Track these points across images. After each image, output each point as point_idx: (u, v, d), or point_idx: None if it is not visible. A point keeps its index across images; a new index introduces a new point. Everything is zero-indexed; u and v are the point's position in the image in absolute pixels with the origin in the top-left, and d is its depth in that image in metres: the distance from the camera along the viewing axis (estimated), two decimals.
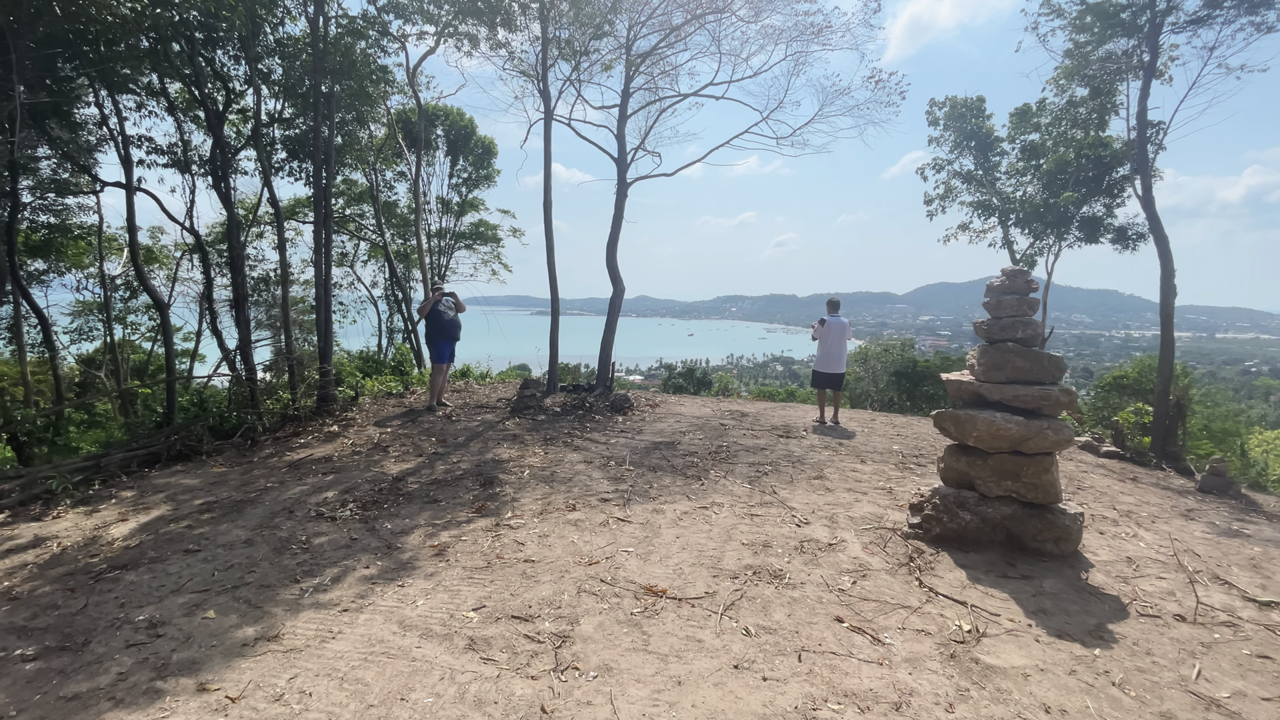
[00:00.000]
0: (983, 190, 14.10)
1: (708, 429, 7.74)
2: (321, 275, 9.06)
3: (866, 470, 5.95)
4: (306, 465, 6.66)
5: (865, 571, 3.61)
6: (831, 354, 8.28)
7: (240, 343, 8.35)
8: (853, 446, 7.03)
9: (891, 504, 4.88)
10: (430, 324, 8.91)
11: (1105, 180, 12.33)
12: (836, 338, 8.28)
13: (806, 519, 4.43)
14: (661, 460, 6.15)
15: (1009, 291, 3.99)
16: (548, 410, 8.66)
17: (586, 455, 6.42)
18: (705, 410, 9.28)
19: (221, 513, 5.34)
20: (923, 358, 36.06)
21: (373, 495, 5.47)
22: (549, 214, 9.73)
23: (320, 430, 8.15)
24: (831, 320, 8.32)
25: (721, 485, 5.34)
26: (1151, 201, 8.09)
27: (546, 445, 6.90)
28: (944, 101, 14.61)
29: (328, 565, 4.02)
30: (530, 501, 5.01)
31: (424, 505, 5.13)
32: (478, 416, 8.50)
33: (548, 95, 9.74)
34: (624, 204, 10.77)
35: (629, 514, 4.58)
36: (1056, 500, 3.86)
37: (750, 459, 6.25)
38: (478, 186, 20.88)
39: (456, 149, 19.79)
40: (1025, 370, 3.86)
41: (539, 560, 3.81)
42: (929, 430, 8.45)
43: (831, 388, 8.46)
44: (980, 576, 3.58)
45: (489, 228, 21.85)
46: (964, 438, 3.99)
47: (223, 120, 10.86)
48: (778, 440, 7.18)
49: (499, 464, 6.21)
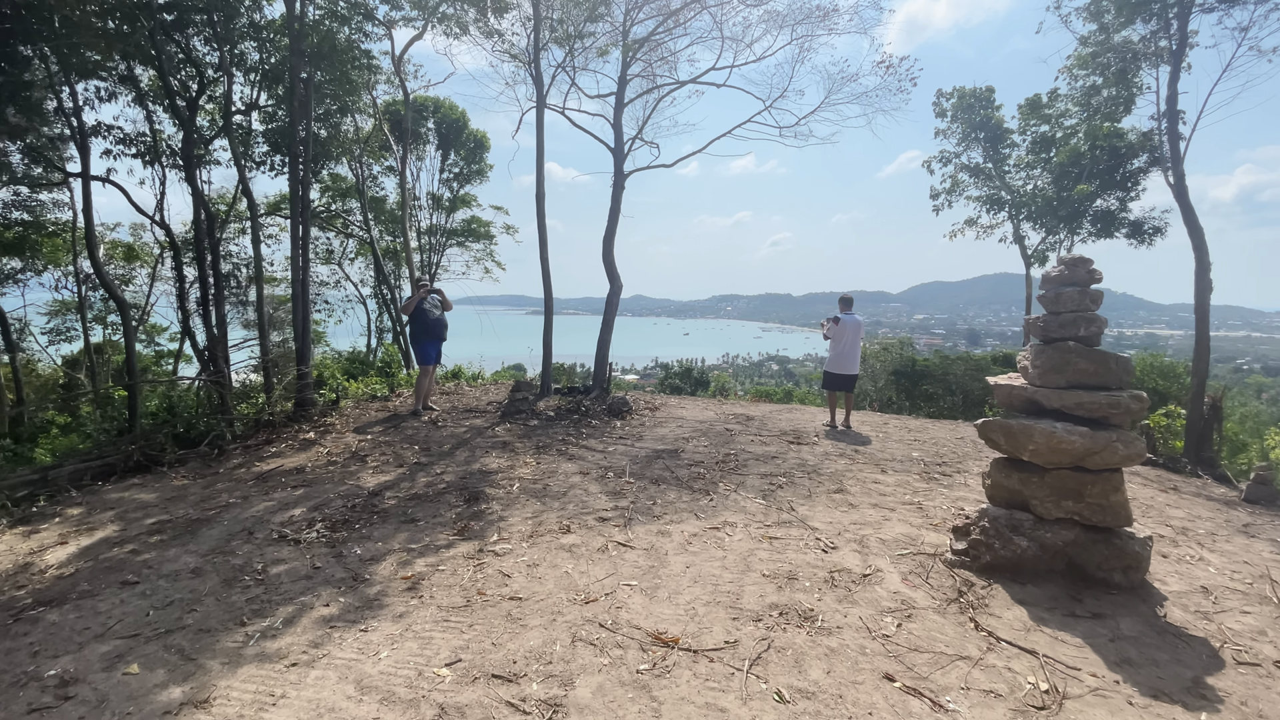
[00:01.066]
0: (992, 184, 13.63)
1: (712, 435, 7.21)
2: (299, 272, 8.48)
3: (889, 482, 5.43)
4: (276, 477, 6.09)
5: (910, 610, 3.08)
6: (846, 354, 7.77)
7: (209, 343, 7.76)
8: (870, 454, 6.50)
9: (924, 522, 4.36)
10: (415, 323, 8.35)
11: (1120, 172, 11.87)
12: (851, 337, 7.77)
13: (833, 542, 3.90)
14: (664, 471, 5.61)
15: (1069, 283, 3.47)
16: (541, 415, 8.11)
17: (582, 465, 5.87)
18: (708, 414, 8.75)
19: (173, 534, 4.77)
20: (920, 357, 35.69)
21: (344, 513, 4.91)
22: (541, 207, 9.18)
23: (296, 437, 7.57)
24: (846, 319, 7.80)
25: (732, 500, 4.80)
26: (1184, 191, 7.61)
27: (539, 454, 6.35)
28: (951, 92, 14.12)
29: (282, 602, 3.46)
30: (519, 521, 4.46)
31: (400, 525, 4.57)
32: (466, 422, 7.94)
33: (539, 80, 9.18)
34: (621, 196, 10.22)
35: (631, 537, 4.03)
36: (1127, 523, 3.34)
37: (761, 469, 5.71)
38: (470, 182, 20.28)
39: (448, 143, 19.18)
40: (1089, 373, 3.34)
41: (527, 597, 3.26)
42: (946, 435, 7.95)
43: (844, 390, 7.94)
44: (1044, 615, 3.06)
45: (481, 224, 21.25)
46: (1017, 451, 3.46)
47: (195, 109, 10.26)
48: (789, 447, 6.66)
49: (486, 476, 5.66)
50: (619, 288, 9.95)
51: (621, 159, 10.20)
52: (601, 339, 9.70)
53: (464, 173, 20.02)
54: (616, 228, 10.14)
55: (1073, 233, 12.32)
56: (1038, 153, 13.05)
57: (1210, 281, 7.09)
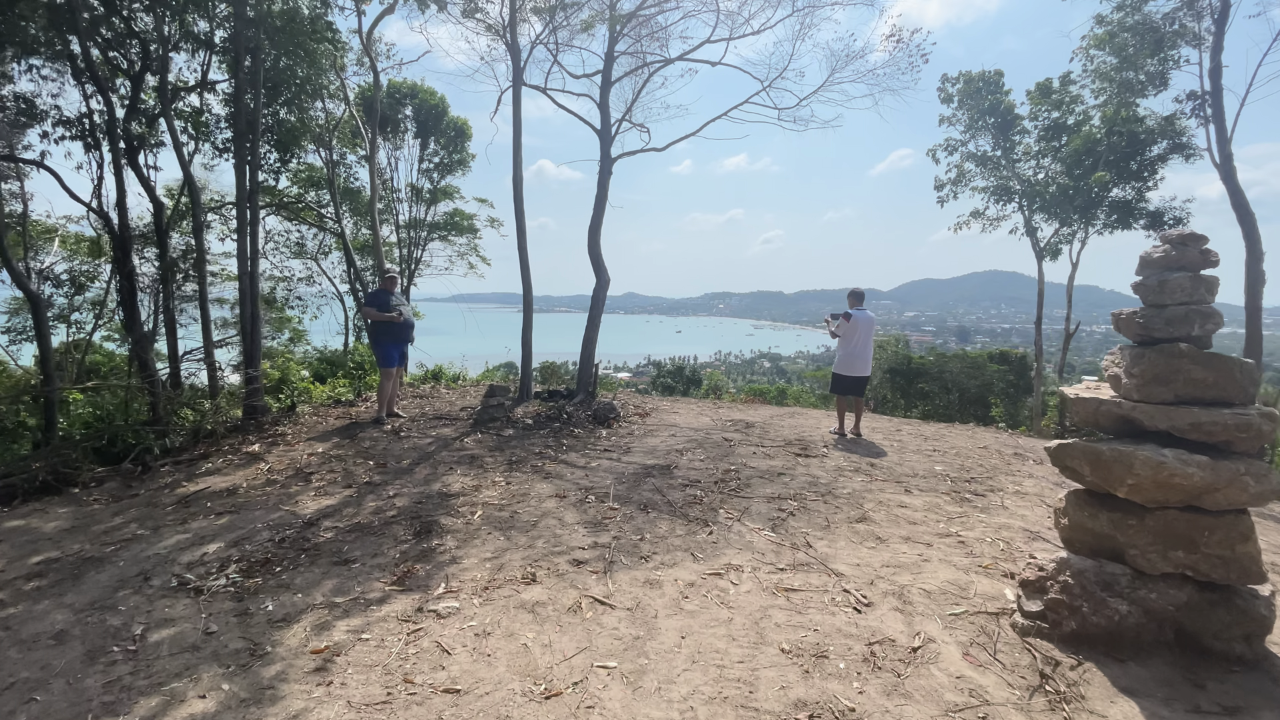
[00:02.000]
0: (1000, 173, 12.91)
1: (709, 445, 6.40)
2: (247, 264, 7.59)
3: (917, 505, 4.65)
4: (201, 501, 5.22)
5: (984, 707, 2.28)
6: (858, 354, 6.99)
7: (135, 343, 6.86)
8: (888, 469, 5.72)
9: (971, 563, 3.57)
10: (378, 323, 7.49)
11: (1138, 160, 11.18)
12: (865, 335, 6.99)
13: (865, 595, 3.11)
14: (655, 494, 4.79)
15: (1176, 267, 2.68)
16: (518, 423, 7.27)
17: (559, 486, 5.05)
18: (703, 420, 7.95)
19: (55, 579, 3.90)
20: (916, 355, 35.12)
21: (268, 550, 4.06)
22: (519, 192, 8.32)
23: (239, 450, 6.69)
24: (859, 315, 7.02)
25: (736, 533, 4.00)
26: (1232, 172, 6.87)
27: (510, 471, 5.52)
28: (957, 77, 13.38)
29: (147, 690, 2.61)
30: (476, 564, 3.63)
31: (330, 569, 3.73)
32: (433, 431, 7.08)
33: (516, 51, 8.32)
34: (608, 182, 9.38)
35: (612, 589, 3.22)
36: (1257, 580, 2.57)
37: (767, 489, 4.91)
38: (451, 173, 19.34)
39: (427, 131, 18.24)
40: (1206, 384, 2.56)
41: (468, 689, 2.43)
42: (966, 443, 7.20)
43: (856, 394, 7.17)
44: (1163, 714, 2.28)
45: (464, 217, 20.32)
46: (1109, 484, 2.68)
47: (140, 85, 9.29)
48: (796, 461, 5.86)
49: (446, 500, 4.82)
50: (606, 282, 9.11)
51: (609, 142, 9.36)
52: (587, 338, 8.87)
53: (444, 163, 19.09)
54: (603, 217, 9.31)
55: (1088, 224, 11.62)
56: (1049, 140, 12.33)
57: (1263, 273, 6.36)
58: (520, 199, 8.30)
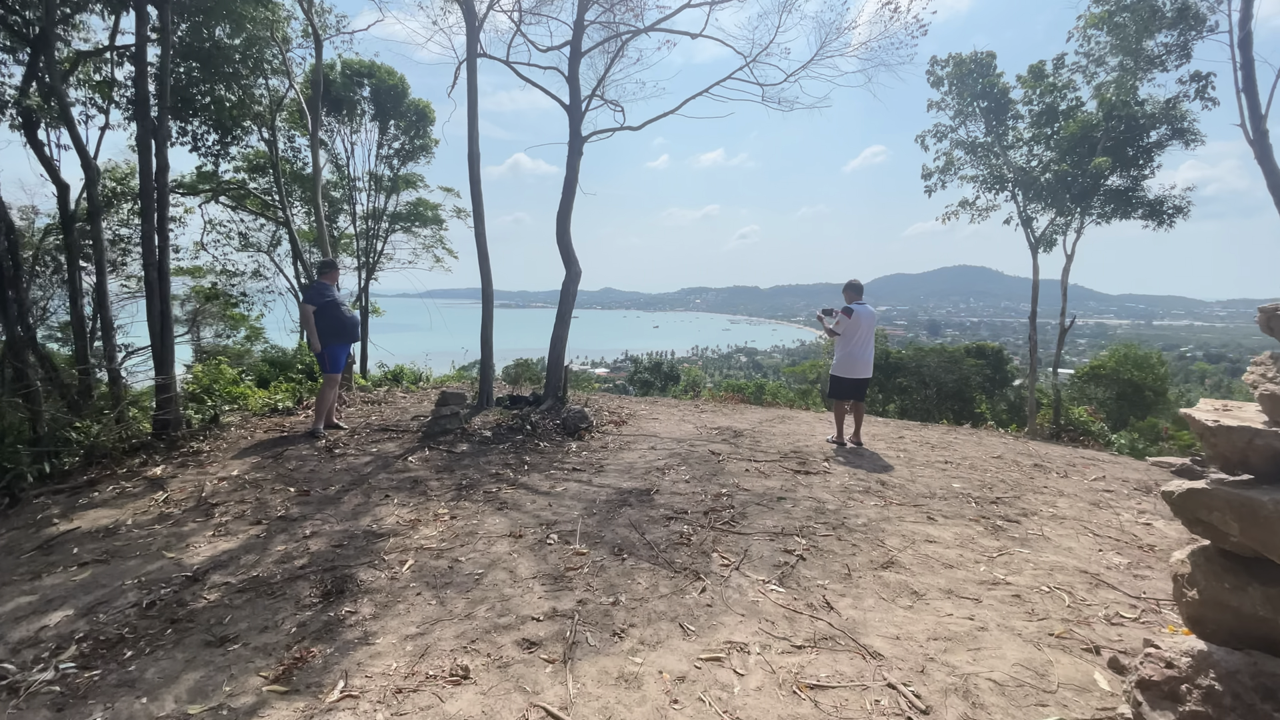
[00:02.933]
0: (993, 160, 12.33)
1: (694, 461, 5.57)
2: (153, 255, 6.49)
3: (946, 538, 3.88)
4: (68, 545, 4.19)
5: None
6: (859, 354, 6.22)
7: (8, 345, 5.73)
8: (901, 487, 4.96)
9: (1038, 629, 2.79)
10: (324, 320, 6.48)
11: (1136, 146, 10.67)
12: (867, 332, 6.24)
13: (918, 693, 2.29)
14: (632, 530, 3.93)
15: None
16: (474, 436, 6.33)
17: (515, 521, 4.15)
18: (686, 427, 7.12)
19: None
20: (894, 349, 34.94)
21: (128, 621, 3.10)
22: (475, 172, 7.35)
23: (140, 473, 5.63)
24: (861, 310, 6.26)
25: (735, 588, 3.16)
26: (1268, 151, 6.26)
27: (458, 499, 4.60)
28: (947, 59, 12.74)
29: None
30: (393, 645, 2.73)
31: (199, 652, 2.79)
32: (374, 447, 6.11)
33: (471, 12, 7.32)
34: (579, 164, 8.46)
35: (573, 691, 2.35)
36: None
37: (767, 520, 4.09)
38: (413, 159, 18.14)
39: (386, 113, 17.00)
40: None
41: None
42: (974, 451, 6.50)
43: (856, 398, 6.41)
44: None
45: (429, 207, 19.15)
46: (1265, 546, 1.90)
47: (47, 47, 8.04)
48: (796, 480, 5.06)
49: (372, 542, 3.89)
50: (577, 275, 8.21)
51: (579, 119, 8.43)
52: (556, 336, 7.95)
53: (406, 149, 17.88)
54: (573, 202, 8.39)
55: (1084, 213, 11.10)
56: (1041, 126, 11.76)
57: None
58: (477, 179, 7.34)
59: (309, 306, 6.48)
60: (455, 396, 6.60)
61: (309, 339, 6.54)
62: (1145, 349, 28.43)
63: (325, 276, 6.76)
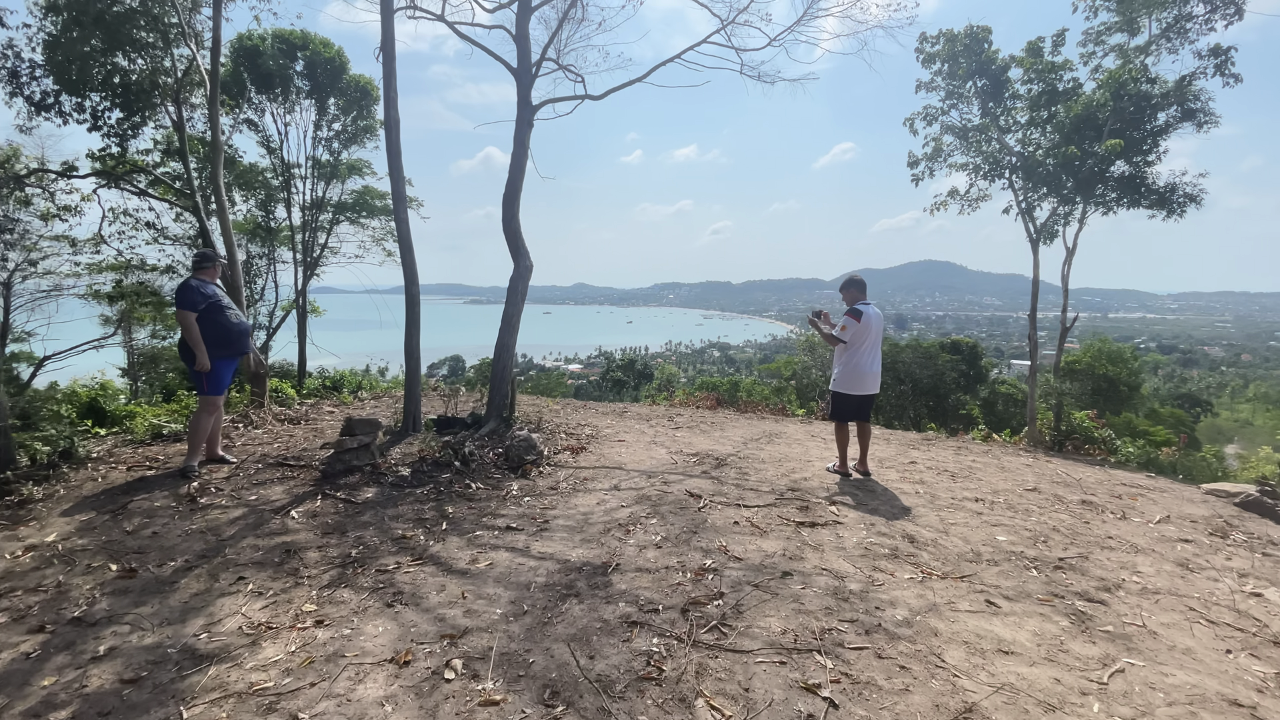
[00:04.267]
0: (985, 146, 11.38)
1: (667, 510, 4.33)
2: None
3: (1024, 642, 2.73)
4: None
5: None
6: (866, 367, 5.08)
7: None
8: (935, 545, 3.81)
9: None
10: (207, 328, 5.04)
11: (1144, 129, 9.80)
12: (876, 337, 5.10)
13: None
14: (576, 652, 2.67)
15: None
16: (388, 473, 4.98)
17: (408, 628, 2.85)
18: (658, 453, 5.89)
19: None
20: None
21: None
22: (393, 139, 5.96)
23: None
24: (869, 311, 5.11)
25: None
26: None
27: (336, 586, 3.27)
28: (937, 36, 11.74)
29: None
30: None
31: None
32: (256, 491, 4.71)
33: None
34: (529, 137, 7.14)
35: None
36: None
37: (772, 620, 2.88)
38: (356, 143, 16.45)
39: (323, 90, 15.30)
40: None
41: None
42: (998, 478, 5.43)
43: (862, 418, 5.26)
44: None
45: (376, 196, 17.48)
46: None
47: None
48: (800, 538, 3.87)
49: (183, 674, 2.54)
50: (527, 268, 6.89)
51: (528, 84, 7.10)
52: (501, 343, 6.62)
53: (348, 131, 16.19)
54: (523, 182, 7.07)
55: (1090, 201, 10.22)
56: (1038, 109, 10.83)
57: None
58: (395, 150, 5.95)
59: (187, 313, 5.03)
60: (366, 424, 5.24)
61: (196, 355, 5.07)
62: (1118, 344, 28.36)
63: (203, 273, 5.31)
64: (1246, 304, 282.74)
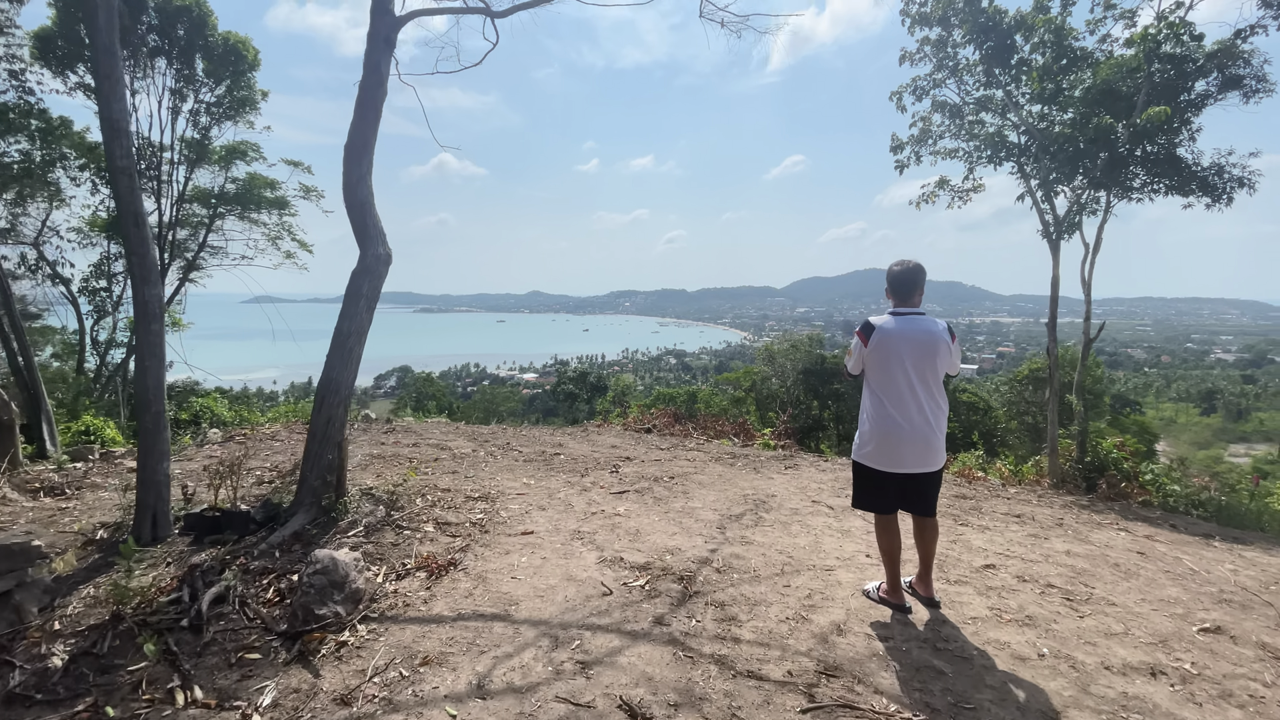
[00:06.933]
0: (993, 118, 9.56)
1: None
2: None
3: None
4: None
5: None
6: (895, 419, 2.86)
7: None
8: None
9: None
10: None
11: (1175, 102, 8.12)
12: (916, 367, 2.88)
13: None
14: None
15: None
16: (29, 662, 2.42)
17: None
18: (583, 567, 3.50)
19: None
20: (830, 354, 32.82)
21: None
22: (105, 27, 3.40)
23: None
24: (893, 326, 2.93)
25: None
26: None
27: None
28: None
29: None
30: None
31: None
32: None
33: None
34: (388, 62, 4.69)
35: None
36: None
37: None
38: (232, 119, 13.50)
39: (184, 52, 12.32)
40: None
41: None
42: (1145, 602, 3.30)
43: (914, 509, 3.04)
44: None
45: (265, 184, 14.52)
46: None
47: None
48: None
49: None
50: (377, 259, 4.39)
51: None
52: (327, 382, 4.06)
53: (223, 103, 13.23)
54: (376, 130, 4.60)
55: (1118, 186, 8.49)
56: (1048, 80, 9.06)
57: None
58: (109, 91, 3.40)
59: None
60: (16, 551, 2.67)
61: None
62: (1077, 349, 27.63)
63: None
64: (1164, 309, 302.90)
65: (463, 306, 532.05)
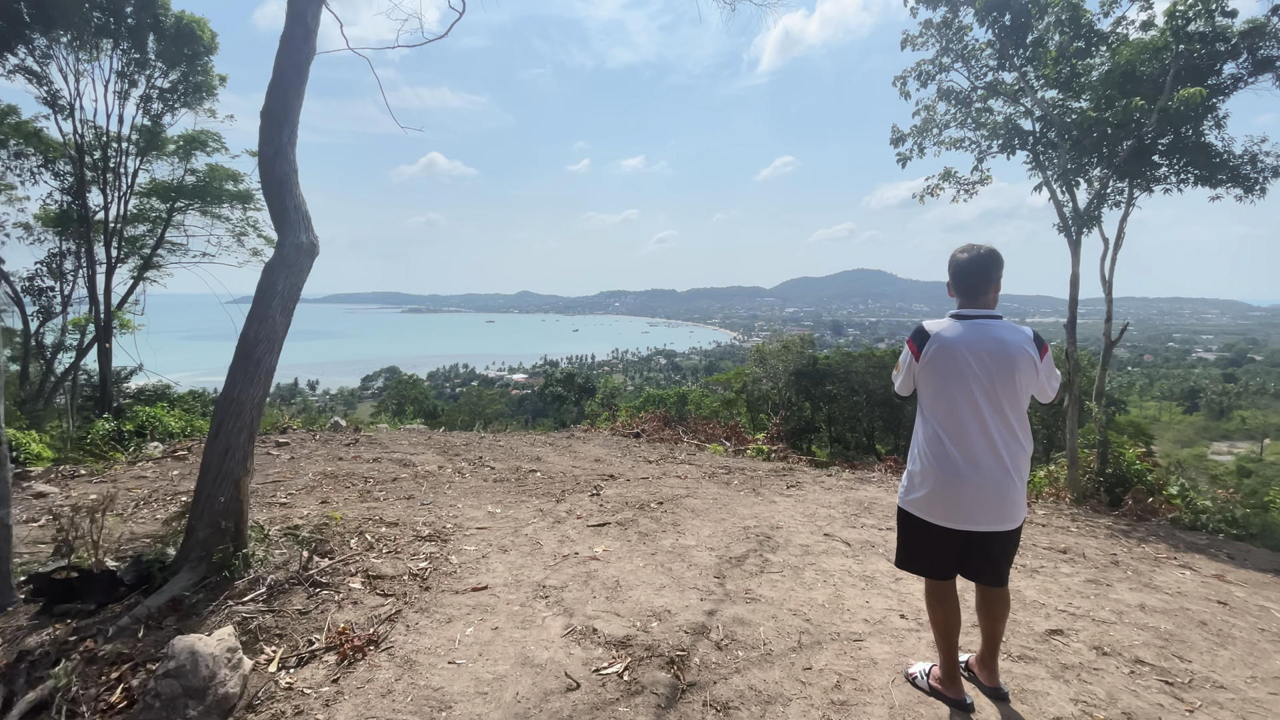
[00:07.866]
0: (1006, 105, 8.91)
1: None
2: None
3: None
4: None
5: None
6: (954, 459, 2.12)
7: None
8: None
9: None
10: None
11: (1206, 85, 7.50)
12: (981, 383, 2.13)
13: None
14: None
15: None
16: None
17: None
18: (543, 645, 2.71)
19: None
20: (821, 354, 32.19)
21: None
22: None
23: None
24: (953, 336, 2.17)
25: None
26: None
27: None
28: None
29: None
30: None
31: None
32: None
33: None
34: (317, 16, 3.89)
35: None
36: None
37: None
38: (188, 105, 12.58)
39: (132, 34, 11.39)
40: None
41: None
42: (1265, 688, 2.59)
43: (973, 576, 2.30)
44: None
45: (226, 175, 13.61)
46: None
47: None
48: None
49: None
50: (297, 249, 3.58)
51: None
52: (227, 403, 3.23)
53: (175, 89, 12.30)
54: (302, 85, 3.80)
55: (1142, 176, 7.87)
56: (1063, 62, 8.41)
57: None
58: None
59: None
60: None
61: None
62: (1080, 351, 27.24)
63: None
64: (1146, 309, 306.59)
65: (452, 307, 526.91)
